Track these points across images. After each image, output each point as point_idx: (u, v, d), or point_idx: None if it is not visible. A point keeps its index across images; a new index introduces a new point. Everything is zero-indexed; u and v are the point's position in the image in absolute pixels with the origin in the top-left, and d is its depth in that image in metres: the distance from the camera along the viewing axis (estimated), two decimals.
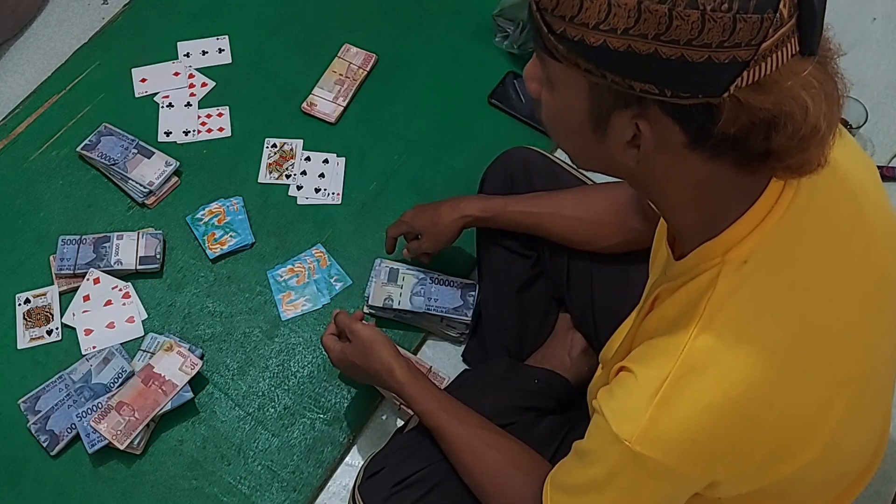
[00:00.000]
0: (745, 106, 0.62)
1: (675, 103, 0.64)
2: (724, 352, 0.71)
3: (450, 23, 1.87)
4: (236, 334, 1.51)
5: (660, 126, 0.66)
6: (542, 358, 1.35)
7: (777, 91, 0.62)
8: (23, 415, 1.40)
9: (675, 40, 0.60)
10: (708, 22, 0.59)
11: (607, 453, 0.75)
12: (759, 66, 0.61)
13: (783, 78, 0.62)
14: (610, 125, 0.68)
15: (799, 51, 0.63)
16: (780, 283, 0.73)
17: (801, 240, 0.74)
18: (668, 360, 0.72)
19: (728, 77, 0.61)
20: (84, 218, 1.61)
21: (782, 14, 0.60)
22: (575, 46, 0.64)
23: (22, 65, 1.83)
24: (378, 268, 1.50)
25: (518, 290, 1.36)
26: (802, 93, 0.62)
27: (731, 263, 0.72)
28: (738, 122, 0.63)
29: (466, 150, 1.70)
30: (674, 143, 0.67)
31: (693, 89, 0.62)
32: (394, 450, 1.16)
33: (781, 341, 0.72)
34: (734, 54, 0.60)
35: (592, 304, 1.26)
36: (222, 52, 1.81)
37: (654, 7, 0.60)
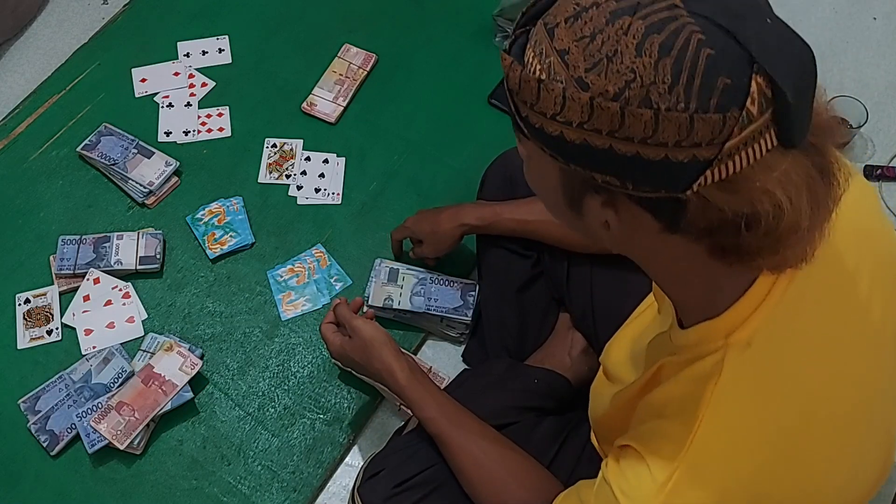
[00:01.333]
0: (712, 204, 0.60)
1: (640, 196, 0.62)
2: (732, 439, 0.71)
3: (450, 23, 1.87)
4: (236, 334, 1.51)
5: (630, 213, 0.64)
6: (543, 358, 1.35)
7: (747, 189, 0.59)
8: (23, 415, 1.40)
9: (629, 137, 0.58)
10: (662, 121, 0.57)
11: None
12: (724, 165, 0.58)
13: (756, 174, 0.59)
14: (583, 206, 0.67)
15: (778, 144, 0.59)
16: (784, 364, 0.72)
17: (805, 307, 0.72)
18: (676, 449, 0.71)
19: (689, 175, 0.59)
20: (84, 218, 1.61)
21: (750, 111, 0.57)
22: (537, 133, 0.62)
23: (22, 65, 1.83)
24: (378, 268, 1.50)
25: (518, 290, 1.36)
26: (778, 190, 0.59)
27: (734, 347, 0.70)
28: (706, 218, 0.61)
29: (466, 150, 1.70)
30: (649, 228, 0.65)
31: (654, 185, 0.60)
32: (394, 451, 1.15)
33: (788, 423, 0.71)
34: (694, 153, 0.58)
35: (592, 304, 1.26)
36: (222, 52, 1.81)
37: (605, 104, 0.57)
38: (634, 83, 0.57)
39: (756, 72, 0.57)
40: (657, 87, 0.57)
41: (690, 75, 0.56)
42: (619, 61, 0.57)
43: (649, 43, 0.57)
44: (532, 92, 0.61)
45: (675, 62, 0.56)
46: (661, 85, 0.57)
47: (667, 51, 0.57)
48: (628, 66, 0.57)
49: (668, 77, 0.57)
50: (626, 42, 0.57)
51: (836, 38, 1.91)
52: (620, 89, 0.57)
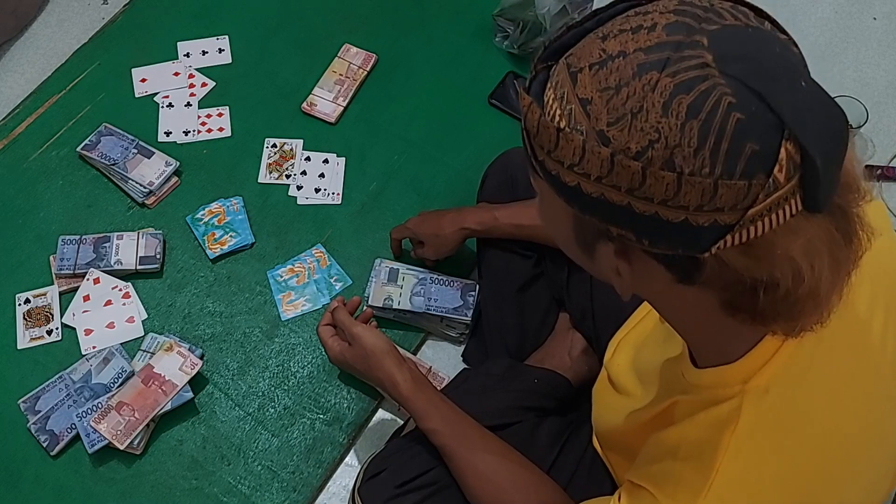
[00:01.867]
0: (730, 267, 0.58)
1: (655, 252, 0.60)
2: (750, 485, 0.70)
3: (450, 23, 1.87)
4: (236, 334, 1.51)
5: (643, 264, 0.62)
6: (543, 358, 1.35)
7: (768, 255, 0.57)
8: (23, 415, 1.40)
9: (648, 198, 0.56)
10: (685, 185, 0.55)
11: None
12: (746, 230, 0.56)
13: (778, 240, 0.57)
14: (595, 251, 0.65)
15: (802, 208, 0.57)
16: (802, 407, 0.71)
17: (822, 351, 0.71)
18: (694, 495, 0.70)
19: (709, 238, 0.57)
20: (84, 218, 1.61)
21: (777, 178, 0.55)
22: (553, 180, 0.60)
23: (22, 65, 1.83)
24: (378, 268, 1.50)
25: (518, 290, 1.36)
26: (799, 257, 0.57)
27: (752, 393, 0.69)
28: (722, 279, 0.59)
29: (466, 150, 1.70)
30: (661, 279, 0.63)
31: (671, 244, 0.58)
32: (394, 452, 1.15)
33: (806, 465, 0.71)
34: (715, 218, 0.56)
35: (592, 304, 1.26)
36: (222, 52, 1.81)
37: (627, 162, 0.55)
38: (658, 143, 0.55)
39: (786, 138, 0.55)
40: (682, 150, 0.54)
41: (718, 139, 0.54)
42: (643, 119, 0.55)
43: (677, 103, 0.54)
44: (551, 139, 0.59)
45: (702, 125, 0.54)
46: (687, 148, 0.54)
47: (695, 113, 0.54)
48: (653, 126, 0.55)
49: (694, 140, 0.54)
50: (652, 99, 0.55)
51: (836, 38, 1.91)
52: (643, 148, 0.55)
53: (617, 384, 1.00)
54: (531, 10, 1.72)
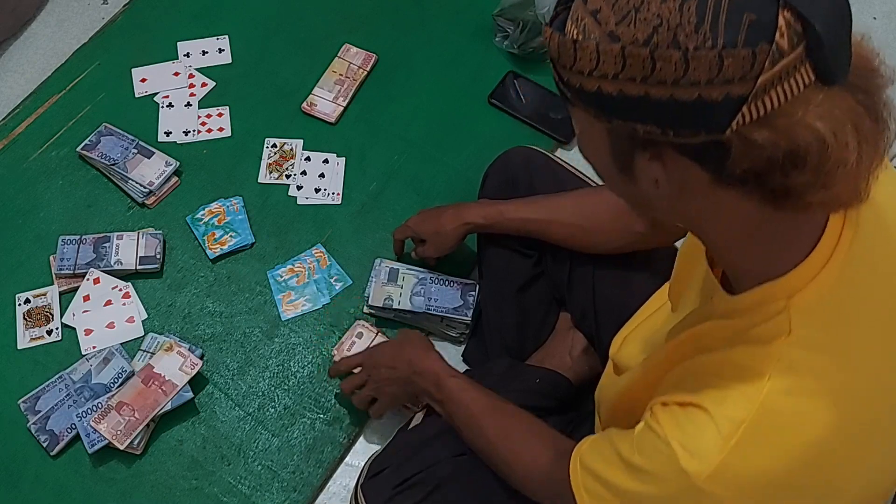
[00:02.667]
0: (754, 143, 0.60)
1: (684, 143, 0.62)
2: (802, 397, 0.70)
3: (450, 23, 1.87)
4: (236, 334, 1.51)
5: (678, 166, 0.65)
6: (543, 358, 1.35)
7: (787, 125, 0.59)
8: (23, 415, 1.40)
9: (662, 81, 0.59)
10: (692, 61, 0.58)
11: (667, 480, 0.74)
12: (761, 101, 0.59)
13: (795, 109, 0.59)
14: (634, 167, 0.68)
15: (815, 80, 0.60)
16: (854, 325, 0.72)
17: (869, 273, 0.72)
18: (746, 404, 0.70)
19: (726, 114, 0.59)
20: (84, 218, 1.61)
21: (780, 45, 0.58)
22: (579, 94, 0.64)
23: (22, 65, 1.83)
24: (378, 268, 1.50)
25: (518, 289, 1.36)
26: (819, 124, 0.59)
27: (799, 308, 0.70)
28: (751, 158, 0.61)
29: (466, 150, 1.70)
30: (698, 182, 0.65)
31: (694, 128, 0.61)
32: (397, 449, 1.16)
33: (855, 388, 0.71)
34: (727, 91, 0.59)
35: (594, 302, 1.26)
36: (222, 52, 1.81)
37: (636, 51, 0.59)
38: (661, 27, 0.58)
39: (783, 6, 0.58)
40: (683, 29, 0.58)
41: (715, 13, 0.58)
42: (645, 10, 0.59)
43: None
44: (569, 54, 0.63)
45: (699, 3, 0.58)
46: (687, 26, 0.58)
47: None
48: (654, 13, 0.59)
49: (693, 17, 0.58)
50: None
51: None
52: (649, 35, 0.59)
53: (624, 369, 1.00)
54: (531, 10, 1.73)
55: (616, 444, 0.81)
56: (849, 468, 0.74)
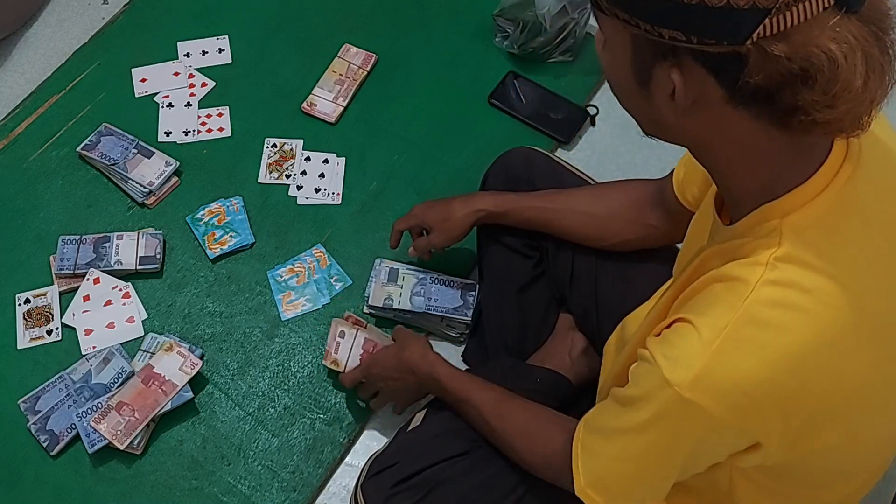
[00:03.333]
0: (771, 56, 0.63)
1: (704, 51, 0.65)
2: (786, 308, 0.71)
3: (450, 23, 1.87)
4: (236, 334, 1.51)
5: (695, 77, 0.67)
6: (543, 358, 1.35)
7: (803, 42, 0.62)
8: (23, 415, 1.40)
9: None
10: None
11: (654, 397, 0.75)
12: (782, 15, 0.62)
13: (811, 29, 0.62)
14: (652, 79, 0.70)
15: (833, 4, 0.63)
16: (844, 249, 0.73)
17: (866, 205, 0.74)
18: (728, 310, 0.72)
19: (750, 24, 0.62)
20: (84, 218, 1.61)
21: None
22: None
23: (22, 65, 1.83)
24: (378, 268, 1.50)
25: (519, 290, 1.36)
26: (832, 45, 0.62)
27: (791, 226, 0.72)
28: (765, 72, 0.64)
29: (466, 150, 1.70)
30: (713, 97, 0.68)
31: (716, 36, 0.63)
32: (398, 449, 1.16)
33: (842, 304, 0.72)
34: (754, 1, 0.61)
35: (596, 301, 1.26)
36: (222, 52, 1.81)
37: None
38: None
39: None
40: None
41: None
42: None
43: None
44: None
45: None
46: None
47: None
48: None
49: None
50: None
51: None
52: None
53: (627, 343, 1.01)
54: (531, 10, 1.73)
55: (613, 393, 0.83)
56: (845, 386, 0.74)
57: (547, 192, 1.28)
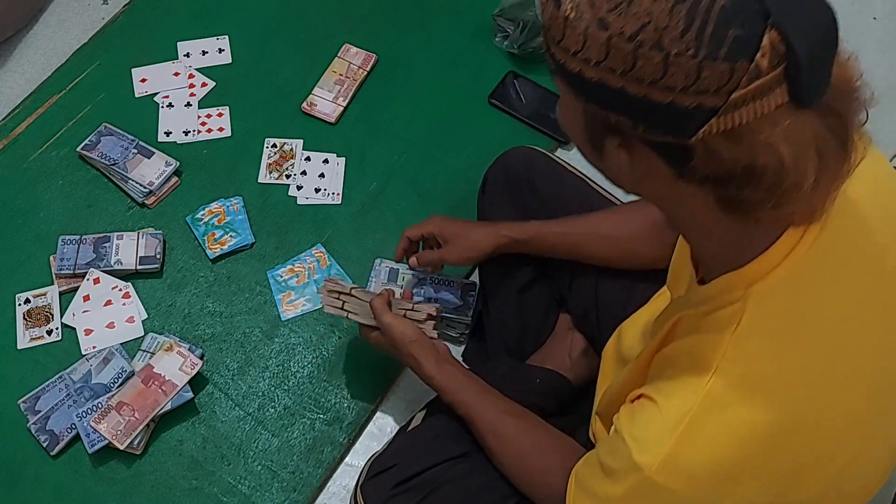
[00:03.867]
0: (716, 154, 0.61)
1: (651, 140, 0.64)
2: (748, 387, 0.70)
3: (450, 23, 1.87)
4: (236, 334, 1.51)
5: (644, 156, 0.66)
6: (543, 359, 1.35)
7: (751, 142, 0.60)
8: (23, 415, 1.40)
9: (640, 79, 0.60)
10: (671, 66, 0.59)
11: (627, 476, 0.75)
12: (731, 115, 0.60)
13: (762, 128, 0.60)
14: (604, 148, 0.69)
15: (788, 101, 0.60)
16: (805, 318, 0.72)
17: (829, 270, 0.72)
18: (691, 393, 0.71)
19: (695, 122, 0.60)
20: (84, 218, 1.61)
21: (760, 65, 0.58)
22: (560, 69, 0.65)
23: (22, 65, 1.83)
24: (378, 268, 1.50)
25: (519, 290, 1.36)
26: (782, 146, 0.60)
27: (755, 296, 0.71)
28: (710, 167, 0.62)
29: (466, 150, 1.70)
30: (663, 174, 0.67)
31: (662, 129, 0.62)
32: (397, 450, 1.16)
33: (806, 376, 0.71)
34: (700, 101, 0.59)
35: (596, 302, 1.26)
36: (222, 52, 1.81)
37: (621, 44, 0.60)
38: (649, 26, 0.59)
39: (770, 27, 0.58)
40: (670, 32, 0.58)
41: (703, 22, 0.58)
42: (638, 4, 0.59)
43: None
44: (559, 29, 0.64)
45: (689, 9, 0.58)
46: (674, 30, 0.58)
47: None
48: (646, 9, 0.59)
49: (681, 23, 0.58)
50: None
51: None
52: (636, 31, 0.59)
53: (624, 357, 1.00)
54: (531, 10, 1.73)
55: (598, 452, 0.83)
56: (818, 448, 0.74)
57: (568, 218, 1.25)
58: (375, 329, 1.23)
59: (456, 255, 1.28)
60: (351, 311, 1.26)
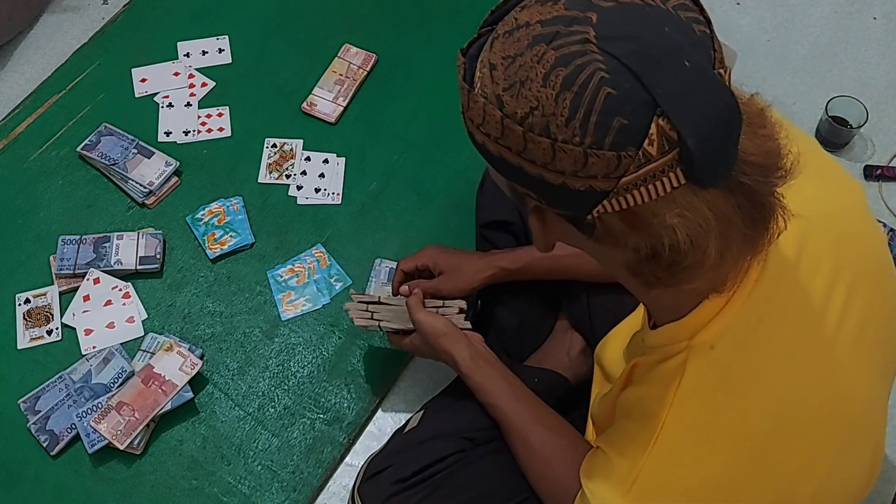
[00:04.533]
0: (612, 231, 0.62)
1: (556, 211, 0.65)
2: (695, 442, 0.71)
3: (450, 23, 1.87)
4: (236, 334, 1.51)
5: (557, 221, 0.67)
6: (542, 358, 1.35)
7: (647, 224, 0.60)
8: (23, 415, 1.40)
9: (532, 160, 0.61)
10: (559, 152, 0.59)
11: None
12: (623, 197, 0.60)
13: (658, 209, 0.60)
14: (524, 207, 0.69)
15: (688, 182, 0.59)
16: (749, 366, 0.72)
17: (771, 315, 0.72)
18: (640, 451, 0.72)
19: (589, 202, 0.61)
20: (84, 218, 1.61)
21: (647, 152, 0.58)
22: (471, 138, 0.66)
23: (22, 65, 1.83)
24: (378, 268, 1.50)
25: (517, 291, 1.36)
26: (678, 228, 0.60)
27: (697, 349, 0.71)
28: (611, 241, 0.63)
29: (466, 150, 1.67)
30: (577, 236, 0.67)
31: (562, 206, 0.63)
32: (394, 451, 1.16)
33: (754, 425, 0.71)
34: (590, 184, 0.60)
35: (589, 308, 1.27)
36: (222, 52, 1.81)
37: (513, 126, 0.60)
38: (537, 111, 0.59)
39: (659, 115, 0.57)
40: (556, 119, 0.58)
41: (588, 111, 0.57)
42: (528, 87, 0.59)
43: (555, 75, 0.58)
44: (466, 99, 0.64)
45: (574, 96, 0.58)
46: (560, 117, 0.58)
47: (568, 85, 0.58)
48: (534, 94, 0.59)
49: (566, 110, 0.58)
50: (536, 70, 0.59)
51: (836, 37, 1.91)
52: (525, 114, 0.59)
53: (607, 373, 1.01)
54: None
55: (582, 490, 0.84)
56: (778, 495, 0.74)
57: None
58: (407, 334, 1.24)
59: (451, 286, 1.28)
60: (383, 319, 1.27)
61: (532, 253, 1.25)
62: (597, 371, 1.14)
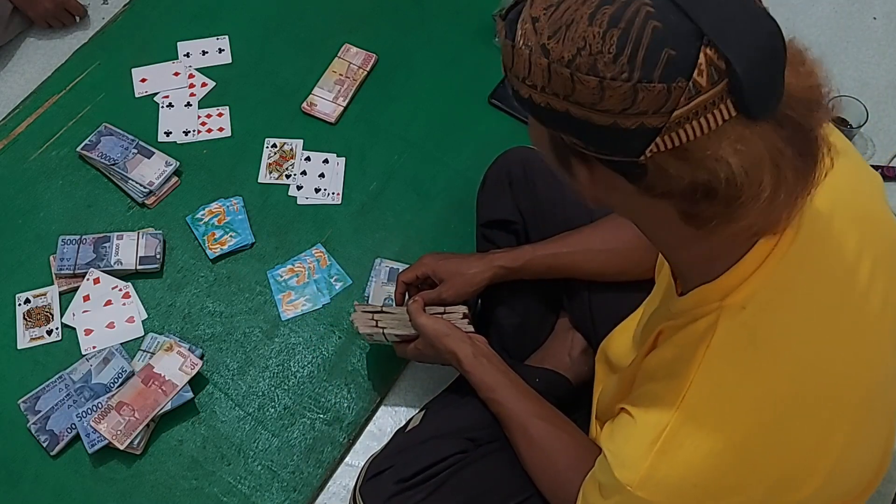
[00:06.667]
0: (666, 171, 0.61)
1: (605, 159, 0.64)
2: (722, 401, 0.71)
3: (450, 23, 1.87)
4: (236, 334, 1.51)
5: (604, 174, 0.66)
6: (543, 358, 1.35)
7: (700, 158, 0.60)
8: (23, 415, 1.40)
9: (580, 103, 0.61)
10: (607, 90, 0.59)
11: (615, 492, 0.76)
12: (675, 133, 0.60)
13: (710, 144, 0.60)
14: (571, 166, 0.69)
15: (738, 114, 0.60)
16: (779, 328, 0.72)
17: (802, 279, 0.72)
18: (666, 409, 0.72)
19: (640, 142, 0.61)
20: (84, 218, 1.61)
21: (698, 83, 0.58)
22: (516, 95, 0.66)
23: (22, 65, 1.83)
24: (378, 268, 1.50)
25: (518, 291, 1.36)
26: (733, 160, 0.60)
27: (728, 309, 0.71)
28: (664, 183, 0.62)
29: (466, 150, 1.70)
30: (626, 189, 0.66)
31: (610, 149, 0.63)
32: (395, 451, 1.16)
33: (780, 387, 0.71)
34: (641, 121, 0.59)
35: (590, 307, 1.26)
36: (222, 52, 1.81)
37: (560, 70, 0.60)
38: (584, 51, 0.59)
39: (706, 45, 0.58)
40: (603, 56, 0.59)
41: (635, 47, 0.58)
42: (574, 29, 0.60)
43: (601, 13, 0.59)
44: (509, 56, 0.65)
45: (621, 33, 0.58)
46: (607, 54, 0.59)
47: (615, 22, 0.58)
48: (581, 35, 0.59)
49: (613, 47, 0.58)
50: (582, 11, 0.59)
51: (836, 37, 1.91)
52: (573, 56, 0.60)
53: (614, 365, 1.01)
54: None
55: (595, 468, 0.84)
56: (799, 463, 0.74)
57: (559, 236, 1.25)
58: (412, 341, 1.25)
59: (454, 292, 1.27)
60: (387, 327, 1.27)
61: (531, 251, 1.25)
62: (598, 371, 1.14)
